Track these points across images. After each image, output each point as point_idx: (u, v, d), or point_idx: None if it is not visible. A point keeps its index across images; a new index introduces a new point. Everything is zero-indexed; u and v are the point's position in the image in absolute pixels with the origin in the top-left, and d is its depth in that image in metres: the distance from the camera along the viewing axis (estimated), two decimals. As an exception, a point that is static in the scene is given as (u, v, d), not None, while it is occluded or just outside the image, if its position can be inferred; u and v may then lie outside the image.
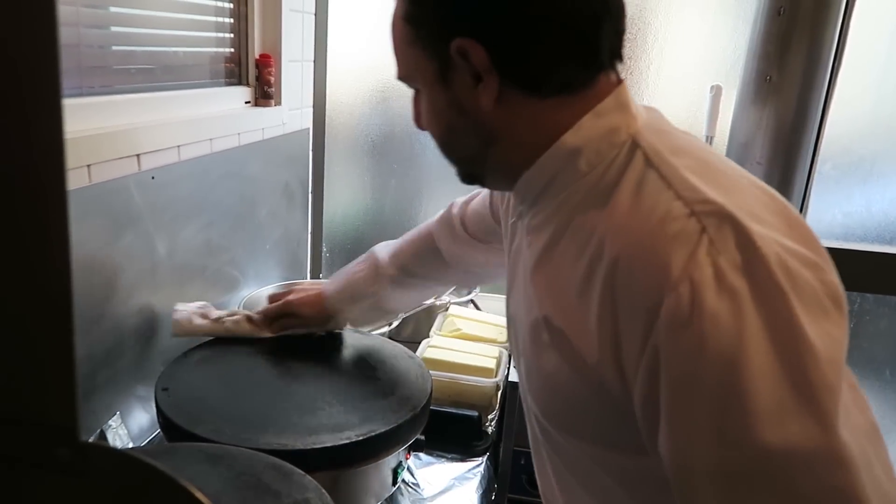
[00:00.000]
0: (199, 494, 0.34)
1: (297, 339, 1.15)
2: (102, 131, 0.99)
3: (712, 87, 1.49)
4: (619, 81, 0.62)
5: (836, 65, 1.43)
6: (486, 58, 0.58)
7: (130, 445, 1.04)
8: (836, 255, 1.74)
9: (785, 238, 0.51)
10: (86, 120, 0.98)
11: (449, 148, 0.69)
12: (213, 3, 1.37)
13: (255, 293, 1.45)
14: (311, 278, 1.84)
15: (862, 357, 1.64)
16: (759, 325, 0.47)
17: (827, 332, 0.49)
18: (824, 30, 1.28)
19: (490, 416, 1.22)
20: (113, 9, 1.12)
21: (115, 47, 1.12)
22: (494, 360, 1.26)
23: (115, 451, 0.45)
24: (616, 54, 0.61)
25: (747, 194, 0.55)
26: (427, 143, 1.77)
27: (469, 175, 0.70)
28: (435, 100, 0.65)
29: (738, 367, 0.47)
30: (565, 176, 0.62)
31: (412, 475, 1.08)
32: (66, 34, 0.99)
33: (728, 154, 1.40)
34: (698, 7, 1.60)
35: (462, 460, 1.14)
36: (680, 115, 1.63)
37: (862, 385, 0.58)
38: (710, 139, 1.51)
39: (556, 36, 0.57)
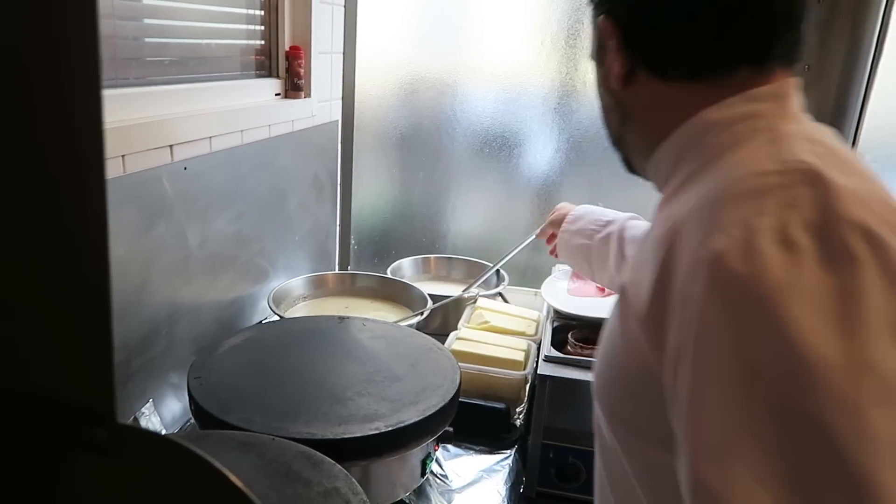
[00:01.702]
0: (234, 479, 0.34)
1: (327, 329, 1.15)
2: (136, 122, 1.00)
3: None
4: (780, 75, 0.58)
5: (877, 53, 1.40)
6: (616, 36, 0.61)
7: (164, 432, 1.06)
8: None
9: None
10: (120, 111, 0.99)
11: (605, 126, 0.70)
12: (244, -5, 1.38)
13: (284, 285, 1.46)
14: (339, 270, 1.85)
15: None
16: (817, 286, 0.43)
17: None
18: (865, 17, 1.24)
19: (518, 409, 1.22)
20: (146, 0, 1.13)
21: (148, 39, 1.13)
22: (523, 353, 1.26)
23: (152, 433, 0.45)
24: (768, 46, 0.57)
25: (869, 184, 0.50)
26: (455, 136, 1.77)
27: (624, 160, 0.70)
28: (595, 76, 0.68)
29: (778, 321, 0.43)
30: (695, 152, 0.59)
31: (440, 467, 1.08)
32: (102, 25, 1.01)
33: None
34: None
35: (490, 452, 1.13)
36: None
37: None
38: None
39: (682, 23, 0.57)
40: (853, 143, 1.42)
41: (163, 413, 1.09)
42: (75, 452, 0.35)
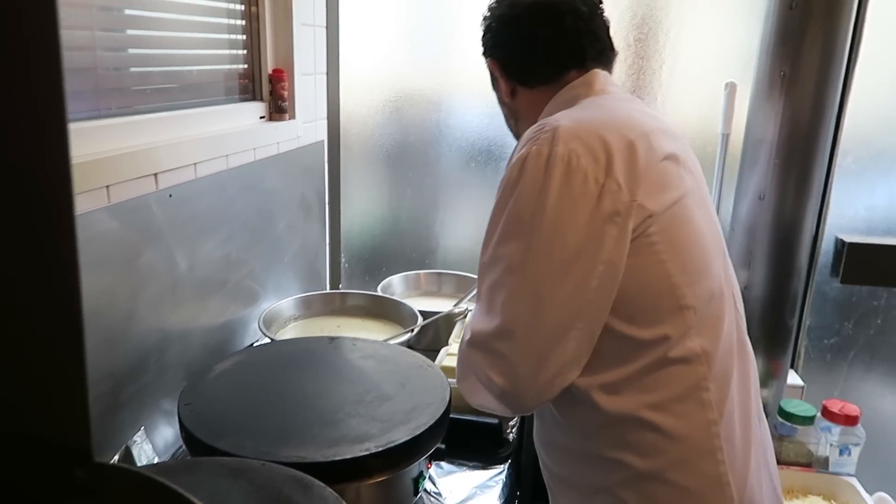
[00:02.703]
0: (211, 512, 0.34)
1: (317, 350, 1.16)
2: (120, 152, 1.00)
3: (727, 85, 1.48)
4: (592, 70, 0.92)
5: (852, 56, 1.41)
6: (499, 69, 0.97)
7: (156, 460, 1.06)
8: (861, 249, 1.71)
9: (601, 154, 0.76)
10: (104, 141, 1.00)
11: (508, 128, 1.05)
12: (226, 21, 1.40)
13: (275, 306, 1.46)
14: (331, 289, 1.85)
15: (891, 353, 1.61)
16: (530, 187, 0.76)
17: (568, 211, 0.74)
18: (839, 22, 1.26)
19: (511, 423, 1.22)
20: (130, 31, 1.14)
21: (131, 69, 1.14)
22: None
23: (130, 470, 0.46)
24: (582, 55, 0.92)
25: (605, 119, 0.81)
26: (441, 151, 1.78)
27: None
28: (497, 98, 1.02)
29: (507, 202, 0.78)
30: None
31: (434, 484, 1.08)
32: (82, 58, 1.02)
33: (744, 150, 1.38)
34: (709, 5, 1.59)
35: (484, 468, 1.13)
36: (695, 114, 1.62)
37: (890, 381, 0.59)
38: (726, 137, 1.49)
39: (529, 54, 0.94)
40: (833, 146, 1.44)
41: (155, 440, 1.09)
42: (54, 494, 0.35)
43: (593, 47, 0.93)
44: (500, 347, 0.77)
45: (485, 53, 0.98)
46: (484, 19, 0.98)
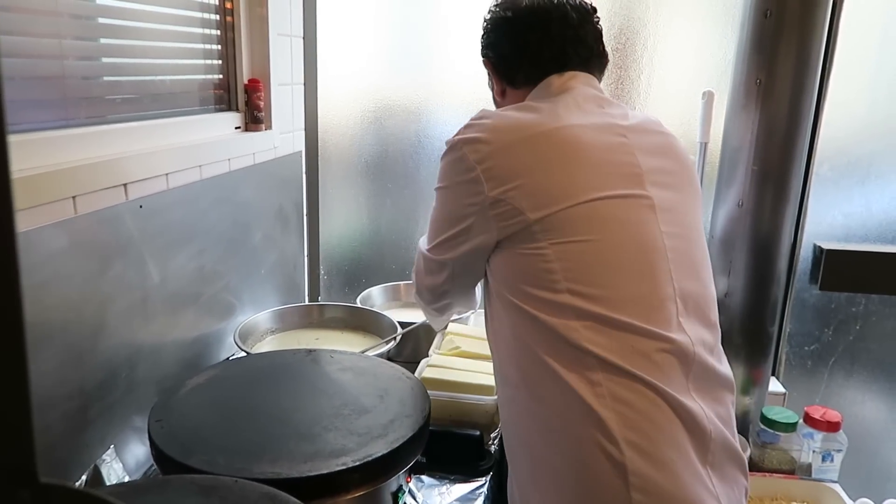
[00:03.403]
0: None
1: (294, 364, 1.13)
2: (87, 162, 0.98)
3: (704, 94, 1.48)
4: (568, 73, 0.99)
5: (827, 65, 1.43)
6: (491, 68, 1.05)
7: (126, 479, 1.02)
8: (839, 256, 1.72)
9: (485, 146, 0.88)
10: (70, 151, 0.98)
11: None
12: (201, 30, 1.38)
13: (252, 319, 1.43)
14: (310, 301, 1.83)
15: (870, 359, 1.62)
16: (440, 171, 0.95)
17: (443, 194, 0.95)
18: (812, 30, 1.27)
19: (493, 435, 1.20)
20: (103, 40, 1.12)
21: (104, 78, 1.12)
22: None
23: (79, 491, 0.43)
24: (564, 60, 0.98)
25: (503, 118, 0.91)
26: (420, 161, 1.77)
27: None
28: (492, 97, 1.09)
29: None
30: None
31: (414, 499, 1.06)
32: (49, 66, 0.99)
33: (722, 159, 1.39)
34: (686, 15, 1.60)
35: (465, 481, 1.11)
36: (673, 123, 1.63)
37: (870, 387, 0.58)
38: (704, 145, 1.50)
39: (516, 57, 1.01)
40: (809, 153, 1.45)
41: (126, 459, 1.05)
42: (-4, 516, 0.33)
43: (578, 53, 0.98)
44: None
45: (481, 53, 1.06)
46: (484, 21, 1.04)
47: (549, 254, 0.84)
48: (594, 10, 1.01)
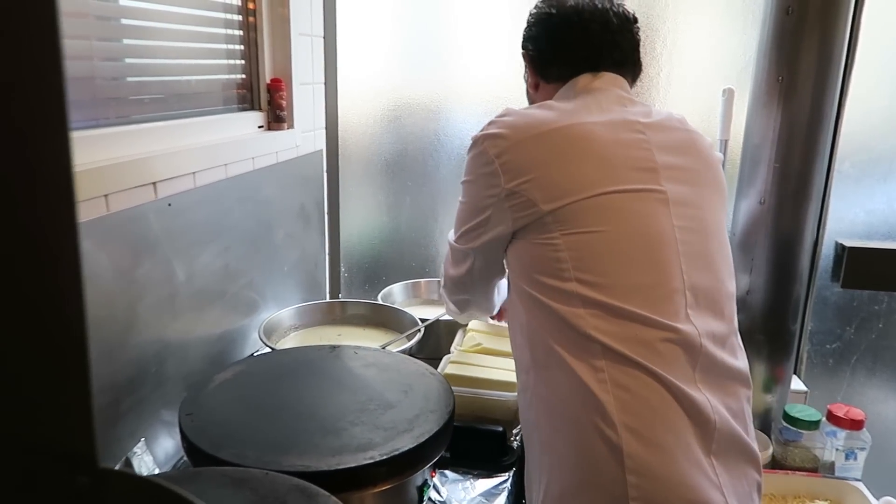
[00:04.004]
0: (219, 518, 0.33)
1: (319, 359, 1.15)
2: (119, 161, 1.00)
3: (724, 91, 1.48)
4: (602, 75, 1.01)
5: (849, 61, 1.42)
6: (528, 62, 1.08)
7: (156, 472, 1.04)
8: (861, 254, 1.71)
9: (503, 140, 0.92)
10: (102, 150, 1.00)
11: None
12: (224, 31, 1.40)
13: (274, 316, 1.45)
14: (331, 299, 1.84)
15: (893, 357, 1.60)
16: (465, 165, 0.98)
17: (466, 187, 0.98)
18: (835, 26, 1.26)
19: (515, 431, 1.21)
20: (127, 41, 1.14)
21: (129, 78, 1.14)
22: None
23: (135, 476, 0.45)
24: (597, 61, 1.01)
25: (522, 116, 0.94)
26: (440, 160, 1.78)
27: None
28: (525, 89, 1.13)
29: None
30: None
31: (438, 493, 1.07)
32: (80, 67, 1.01)
33: (743, 156, 1.38)
34: (706, 11, 1.60)
35: (488, 476, 1.12)
36: (693, 120, 1.60)
37: (893, 385, 0.58)
38: (724, 143, 1.49)
39: (552, 53, 1.04)
40: (831, 151, 1.44)
41: (155, 452, 1.07)
42: (58, 500, 0.34)
43: (612, 57, 1.01)
44: None
45: (521, 46, 1.09)
46: (529, 15, 1.08)
47: (560, 244, 0.87)
48: (635, 19, 1.04)
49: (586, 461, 0.82)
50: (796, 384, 1.46)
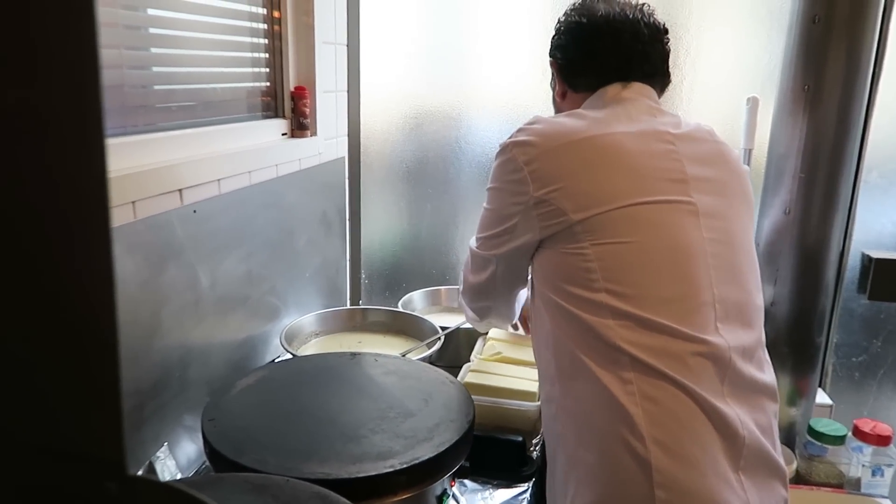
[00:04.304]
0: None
1: (339, 366, 1.15)
2: (145, 168, 1.01)
3: (749, 100, 1.47)
4: (632, 85, 1.00)
5: (876, 70, 1.40)
6: (556, 70, 1.07)
7: (179, 476, 1.05)
8: (888, 265, 1.68)
9: (533, 148, 0.91)
10: (129, 158, 1.01)
11: None
12: (249, 39, 1.41)
13: (296, 322, 1.46)
14: (351, 305, 1.85)
15: (921, 371, 1.57)
16: (491, 172, 0.98)
17: (493, 194, 0.97)
18: (862, 35, 1.25)
19: (535, 441, 1.20)
20: (154, 50, 1.16)
21: (156, 86, 1.16)
22: (536, 384, 1.25)
23: (162, 484, 0.45)
24: (627, 71, 1.00)
25: (552, 124, 0.94)
26: (461, 167, 1.78)
27: None
28: (552, 97, 1.12)
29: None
30: None
31: (457, 503, 1.07)
32: (110, 76, 1.03)
33: (768, 166, 1.37)
34: (729, 20, 1.59)
35: (508, 486, 1.12)
36: (717, 129, 1.60)
37: None
38: (748, 152, 1.48)
39: (582, 62, 1.03)
40: (858, 161, 1.42)
41: (178, 456, 1.08)
42: (86, 506, 0.35)
43: (641, 68, 1.00)
44: None
45: (549, 54, 1.08)
46: (557, 23, 1.07)
47: (590, 254, 0.86)
48: (666, 30, 1.03)
49: (614, 475, 0.81)
50: (821, 398, 1.44)
